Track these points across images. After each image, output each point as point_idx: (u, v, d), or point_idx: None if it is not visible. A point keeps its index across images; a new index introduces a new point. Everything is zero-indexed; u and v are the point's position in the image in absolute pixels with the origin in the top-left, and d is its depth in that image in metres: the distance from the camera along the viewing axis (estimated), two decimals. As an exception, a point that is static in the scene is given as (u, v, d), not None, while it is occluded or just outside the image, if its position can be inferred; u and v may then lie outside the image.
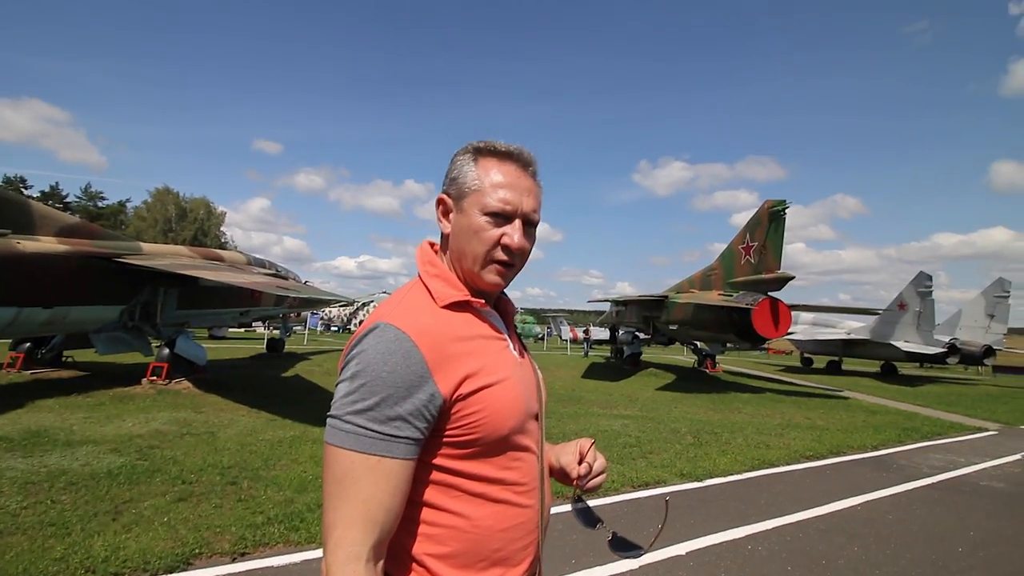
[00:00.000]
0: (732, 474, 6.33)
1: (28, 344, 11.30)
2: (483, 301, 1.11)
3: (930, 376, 25.52)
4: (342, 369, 0.98)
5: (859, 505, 5.45)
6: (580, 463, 1.22)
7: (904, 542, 4.52)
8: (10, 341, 11.41)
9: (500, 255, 1.07)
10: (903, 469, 7.05)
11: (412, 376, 0.93)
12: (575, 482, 1.22)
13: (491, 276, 1.08)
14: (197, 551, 3.63)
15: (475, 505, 1.01)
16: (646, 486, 5.70)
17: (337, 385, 0.98)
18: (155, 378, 9.73)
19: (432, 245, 1.20)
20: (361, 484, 0.91)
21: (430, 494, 1.00)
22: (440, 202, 1.14)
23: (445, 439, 0.99)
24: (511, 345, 1.15)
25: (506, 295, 1.24)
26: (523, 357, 1.19)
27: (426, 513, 1.00)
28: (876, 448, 8.27)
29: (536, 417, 1.14)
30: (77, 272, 8.88)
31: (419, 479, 0.99)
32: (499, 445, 1.02)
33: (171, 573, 3.39)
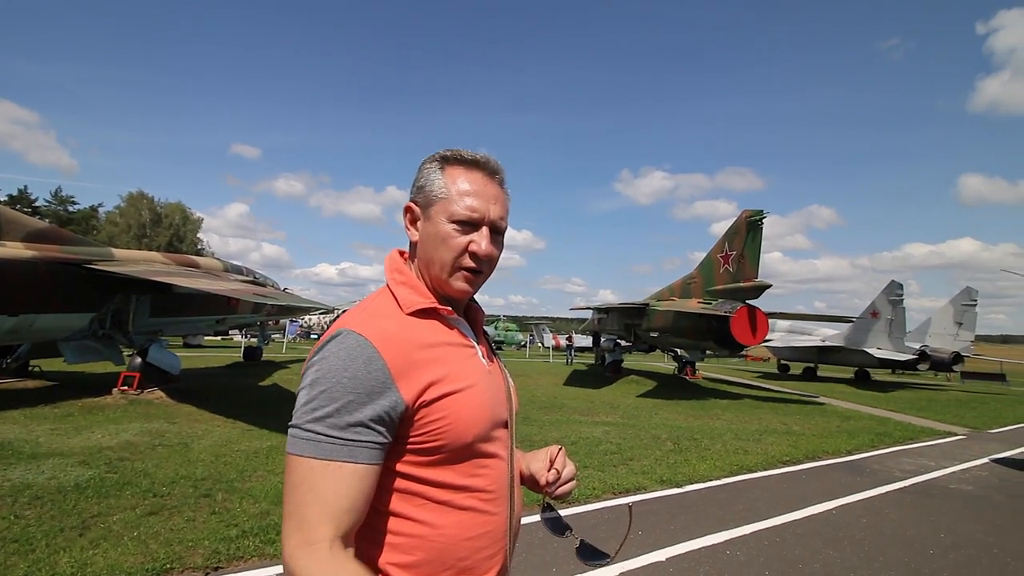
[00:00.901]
0: (711, 480, 6.40)
1: (-8, 353, 10.93)
2: (450, 308, 1.11)
3: (902, 382, 26.15)
4: (303, 376, 0.97)
5: (834, 509, 5.55)
6: (549, 470, 1.21)
7: (877, 545, 4.61)
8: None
9: (468, 262, 1.07)
10: (876, 473, 7.20)
11: (374, 382, 0.92)
12: (544, 489, 1.21)
13: (459, 283, 1.09)
14: (168, 566, 3.52)
15: (440, 513, 1.00)
16: (627, 492, 5.72)
17: (298, 393, 0.97)
18: (126, 388, 9.47)
19: (402, 254, 1.20)
20: (319, 488, 0.89)
21: (394, 502, 0.99)
22: (407, 210, 1.14)
23: (409, 446, 0.98)
24: (479, 352, 1.15)
25: (475, 302, 1.25)
26: (492, 364, 1.19)
27: (390, 522, 0.99)
28: (850, 453, 8.44)
29: (505, 424, 1.13)
30: (45, 278, 8.62)
31: (383, 487, 0.98)
32: (464, 452, 1.02)
33: (141, 589, 3.29)
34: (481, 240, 1.07)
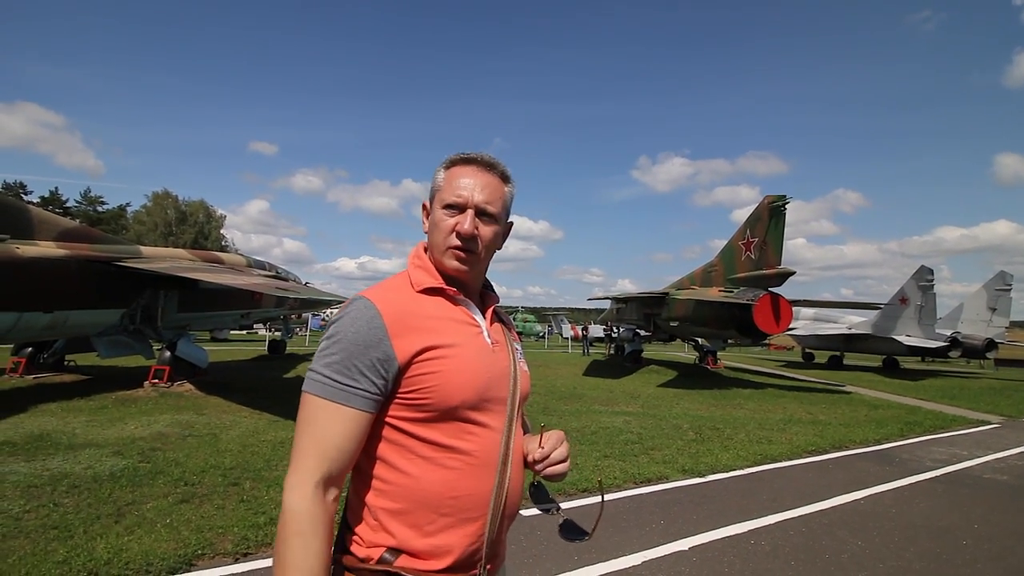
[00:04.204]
0: (734, 469, 6.33)
1: (30, 349, 11.30)
2: (455, 289, 1.24)
3: (932, 370, 25.50)
4: (326, 330, 1.17)
5: (862, 499, 5.44)
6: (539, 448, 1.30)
7: (907, 536, 4.51)
8: (12, 346, 11.44)
9: (454, 241, 1.22)
10: (906, 463, 7.04)
11: (372, 337, 1.10)
12: (532, 467, 1.30)
13: (450, 261, 1.23)
14: (200, 552, 3.64)
15: (424, 468, 1.13)
16: (648, 482, 5.69)
17: (319, 343, 1.16)
18: (157, 381, 9.74)
19: (427, 248, 1.34)
20: (319, 424, 1.08)
21: (384, 451, 1.14)
22: (423, 207, 1.34)
23: (400, 400, 1.13)
24: (485, 332, 1.25)
25: (492, 291, 1.39)
26: (499, 346, 1.28)
27: (380, 469, 1.14)
28: (878, 442, 8.26)
29: (503, 401, 1.22)
30: (77, 276, 8.88)
31: (376, 435, 1.14)
32: (451, 414, 1.13)
33: (174, 574, 3.39)
34: (464, 221, 1.20)
